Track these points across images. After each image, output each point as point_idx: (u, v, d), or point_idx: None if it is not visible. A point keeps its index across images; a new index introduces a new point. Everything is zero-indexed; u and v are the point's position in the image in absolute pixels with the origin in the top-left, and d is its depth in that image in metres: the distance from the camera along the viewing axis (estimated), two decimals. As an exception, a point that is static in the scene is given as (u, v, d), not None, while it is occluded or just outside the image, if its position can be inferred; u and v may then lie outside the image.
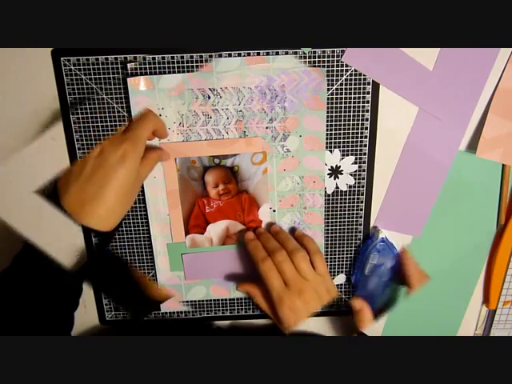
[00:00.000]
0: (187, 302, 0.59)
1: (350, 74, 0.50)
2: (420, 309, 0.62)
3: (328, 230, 0.56)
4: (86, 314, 0.60)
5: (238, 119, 0.51)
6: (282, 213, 0.55)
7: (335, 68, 0.49)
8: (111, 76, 0.49)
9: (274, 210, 0.55)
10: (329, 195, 0.55)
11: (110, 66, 0.48)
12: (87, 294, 0.59)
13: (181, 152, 0.52)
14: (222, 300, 0.60)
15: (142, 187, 0.53)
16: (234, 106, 0.50)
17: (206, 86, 0.49)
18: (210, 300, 0.59)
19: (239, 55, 0.48)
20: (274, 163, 0.53)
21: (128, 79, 0.48)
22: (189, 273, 0.57)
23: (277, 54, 0.49)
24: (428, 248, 0.58)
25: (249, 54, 0.48)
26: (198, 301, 0.59)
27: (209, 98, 0.50)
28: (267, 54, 0.48)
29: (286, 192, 0.54)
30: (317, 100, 0.50)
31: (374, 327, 0.63)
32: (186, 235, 0.55)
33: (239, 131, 0.52)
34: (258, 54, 0.48)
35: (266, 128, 0.51)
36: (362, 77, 0.50)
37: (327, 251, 0.58)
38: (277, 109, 0.51)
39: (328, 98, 0.51)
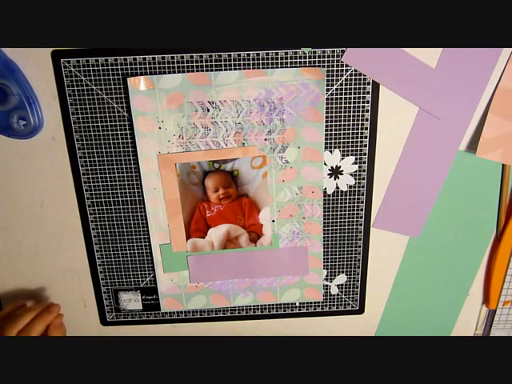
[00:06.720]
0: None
1: (350, 74, 0.50)
2: (415, 309, 0.62)
3: (328, 230, 0.57)
4: (86, 314, 0.60)
5: (236, 131, 0.51)
6: (282, 223, 0.56)
7: (335, 68, 0.49)
8: (111, 77, 0.49)
9: (274, 220, 0.55)
10: (329, 195, 0.55)
11: (109, 68, 0.48)
12: (87, 293, 0.59)
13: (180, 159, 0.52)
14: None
15: (143, 198, 0.53)
16: (232, 118, 0.51)
17: (205, 98, 0.50)
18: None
19: (239, 55, 0.48)
20: (272, 174, 0.53)
21: (128, 79, 0.48)
22: (194, 275, 0.57)
23: (275, 66, 0.49)
24: (427, 248, 0.58)
25: (248, 55, 0.48)
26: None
27: (208, 110, 0.50)
28: (267, 55, 0.49)
29: (284, 202, 0.55)
30: (315, 112, 0.51)
31: (368, 326, 0.63)
32: (187, 240, 0.56)
33: (238, 143, 0.52)
34: (258, 54, 0.48)
35: (265, 140, 0.52)
36: (362, 77, 0.50)
37: (327, 251, 0.58)
38: (275, 121, 0.51)
39: (328, 98, 0.50)
